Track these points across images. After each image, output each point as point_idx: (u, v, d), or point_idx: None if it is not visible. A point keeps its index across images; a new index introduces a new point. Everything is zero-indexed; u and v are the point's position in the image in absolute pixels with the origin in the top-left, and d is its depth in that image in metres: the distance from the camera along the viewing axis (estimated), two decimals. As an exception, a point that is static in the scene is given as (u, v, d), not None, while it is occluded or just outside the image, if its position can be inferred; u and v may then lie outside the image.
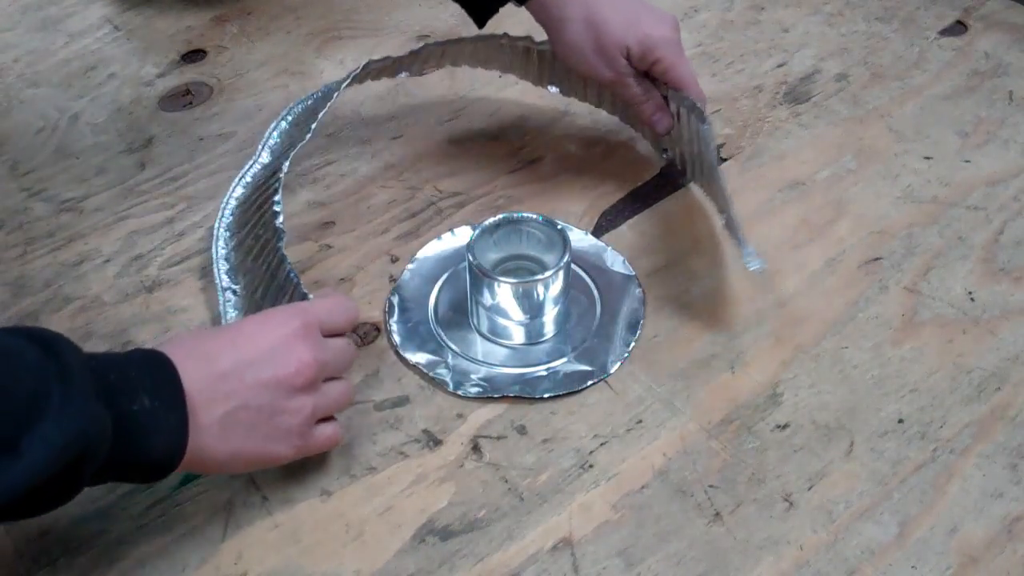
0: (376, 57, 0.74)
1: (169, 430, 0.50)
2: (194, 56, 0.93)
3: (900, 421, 0.61)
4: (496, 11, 0.75)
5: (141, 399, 0.49)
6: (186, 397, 0.50)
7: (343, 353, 0.58)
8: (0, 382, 0.44)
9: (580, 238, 0.72)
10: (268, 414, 0.53)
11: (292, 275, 0.62)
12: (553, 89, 0.82)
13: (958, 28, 0.90)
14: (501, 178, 0.79)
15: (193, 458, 0.51)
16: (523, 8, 0.74)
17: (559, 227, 0.66)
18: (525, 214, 0.67)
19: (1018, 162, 0.77)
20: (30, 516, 0.48)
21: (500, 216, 0.67)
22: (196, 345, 0.54)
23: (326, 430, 0.57)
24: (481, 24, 0.76)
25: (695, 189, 0.77)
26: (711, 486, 0.58)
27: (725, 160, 0.79)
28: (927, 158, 0.78)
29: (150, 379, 0.50)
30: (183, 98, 0.88)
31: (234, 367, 0.53)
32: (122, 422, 0.48)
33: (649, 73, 0.72)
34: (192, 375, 0.51)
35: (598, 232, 0.74)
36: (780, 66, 0.88)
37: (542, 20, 0.73)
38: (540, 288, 0.64)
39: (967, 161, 0.77)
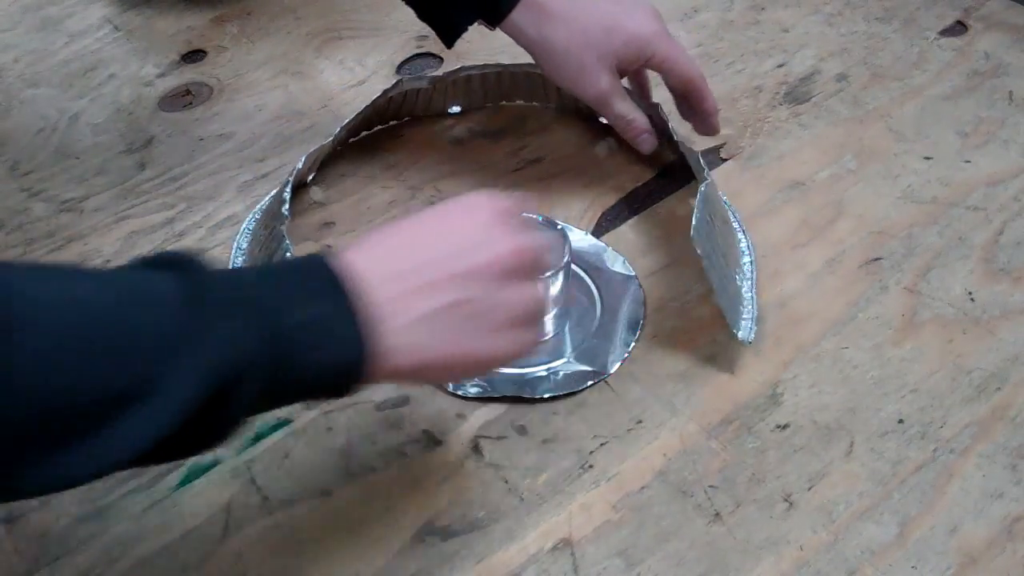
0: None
1: (343, 337, 0.44)
2: (194, 56, 0.93)
3: (900, 421, 0.61)
4: (465, 29, 0.73)
5: (300, 311, 0.43)
6: (367, 302, 0.44)
7: (543, 245, 0.52)
8: (130, 323, 0.40)
9: (580, 238, 0.72)
10: (475, 309, 0.48)
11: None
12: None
13: (958, 28, 0.90)
14: (501, 178, 0.78)
15: (394, 365, 0.46)
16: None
17: (559, 227, 0.66)
18: (525, 214, 0.67)
19: (1018, 162, 0.77)
20: (184, 457, 0.43)
21: (500, 216, 0.67)
22: (380, 242, 0.48)
23: (530, 332, 0.51)
24: (449, 44, 0.74)
25: (694, 190, 0.77)
26: (711, 486, 0.58)
27: (726, 160, 0.79)
28: (927, 158, 0.78)
29: (313, 285, 0.44)
30: (183, 98, 0.88)
31: (430, 260, 0.48)
32: (280, 340, 0.42)
33: (648, 66, 0.72)
34: (378, 276, 0.46)
35: (598, 232, 0.74)
36: (780, 66, 0.88)
37: (523, 43, 0.72)
38: (540, 288, 0.64)
39: (967, 161, 0.77)
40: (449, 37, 0.74)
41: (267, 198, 0.75)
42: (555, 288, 0.64)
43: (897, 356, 0.64)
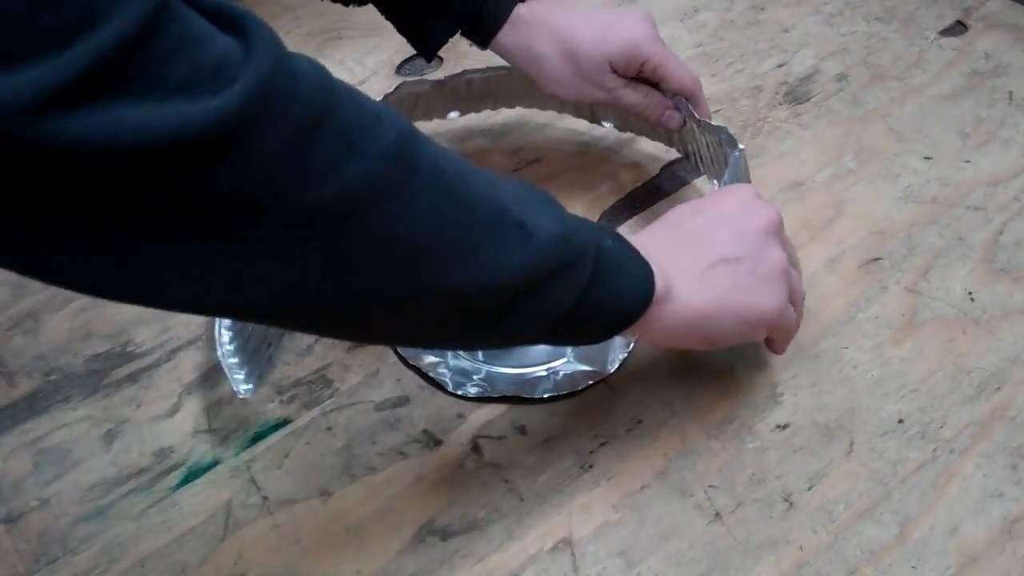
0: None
1: (636, 274, 0.50)
2: (194, 56, 0.93)
3: (900, 421, 0.61)
4: (444, 43, 0.70)
5: (605, 239, 0.50)
6: (652, 256, 0.51)
7: (792, 247, 0.59)
8: (492, 177, 0.46)
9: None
10: (750, 265, 0.54)
11: None
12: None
13: (958, 28, 0.90)
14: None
15: (678, 310, 0.52)
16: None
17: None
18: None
19: (1018, 162, 0.77)
20: (514, 335, 0.49)
21: (500, 216, 0.67)
22: (649, 229, 0.57)
23: (797, 294, 0.58)
24: (429, 58, 0.72)
25: (695, 189, 0.77)
26: (711, 486, 0.58)
27: (725, 160, 0.79)
28: (927, 158, 0.78)
29: (602, 228, 0.51)
30: (183, 98, 0.88)
31: (703, 226, 0.55)
32: (599, 251, 0.48)
33: (640, 75, 0.71)
34: (656, 240, 0.54)
35: (598, 232, 0.74)
36: (780, 66, 0.88)
37: (515, 62, 0.71)
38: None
39: (967, 161, 0.77)
40: (429, 49, 0.71)
41: None
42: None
43: (897, 356, 0.64)
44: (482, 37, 0.69)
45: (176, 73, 0.33)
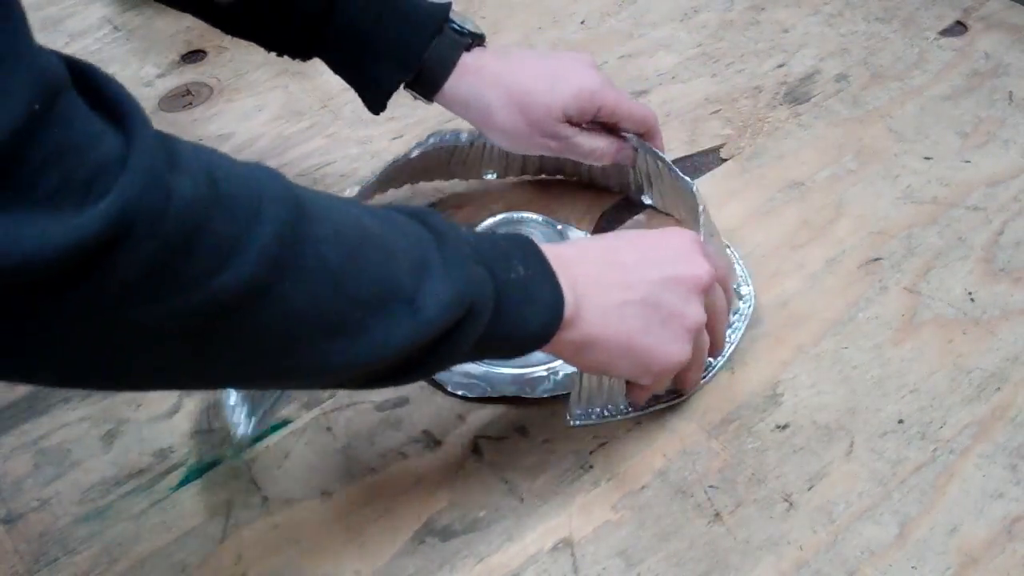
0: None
1: (544, 301, 0.50)
2: (194, 56, 0.93)
3: (900, 421, 0.61)
4: (389, 95, 0.68)
5: (516, 267, 0.49)
6: (570, 277, 0.51)
7: (723, 300, 0.59)
8: (390, 243, 0.45)
9: (580, 238, 0.72)
10: (665, 314, 0.54)
11: None
12: (489, 176, 0.77)
13: (958, 28, 0.90)
14: (501, 177, 0.78)
15: (580, 338, 0.52)
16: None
17: (559, 227, 0.66)
18: (525, 214, 0.67)
19: (1018, 162, 0.77)
20: (401, 382, 0.48)
21: (500, 216, 0.67)
22: (583, 245, 0.57)
23: (701, 354, 0.58)
24: (377, 111, 0.69)
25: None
26: (711, 486, 0.58)
27: (726, 160, 0.79)
28: (927, 158, 0.78)
29: (520, 251, 0.51)
30: (183, 98, 0.88)
31: (634, 263, 0.54)
32: (500, 289, 0.48)
33: (594, 120, 0.69)
34: (583, 260, 0.53)
35: (598, 232, 0.74)
36: (780, 66, 0.88)
37: (463, 112, 0.68)
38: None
39: (967, 161, 0.77)
40: (378, 99, 0.69)
41: None
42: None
43: (897, 356, 0.64)
44: (429, 86, 0.67)
45: (46, 183, 0.33)
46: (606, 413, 0.60)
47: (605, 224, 0.74)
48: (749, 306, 0.66)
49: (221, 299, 0.38)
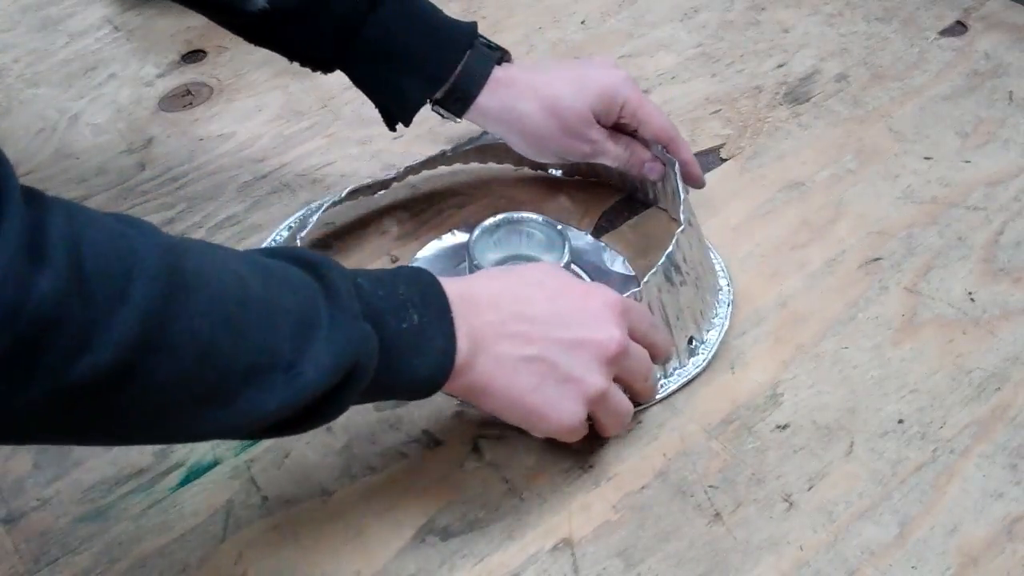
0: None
1: (435, 351, 0.49)
2: (194, 56, 0.93)
3: (900, 421, 0.61)
4: (416, 110, 0.69)
5: (410, 316, 0.49)
6: (470, 325, 0.50)
7: (645, 363, 0.57)
8: (273, 305, 0.44)
9: (580, 238, 0.72)
10: (563, 377, 0.53)
11: None
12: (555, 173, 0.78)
13: (958, 28, 0.90)
14: (501, 177, 0.78)
15: (470, 385, 0.51)
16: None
17: (559, 227, 0.66)
18: (525, 214, 0.67)
19: (1018, 162, 0.77)
20: (286, 435, 0.47)
21: (500, 216, 0.67)
22: (498, 279, 0.55)
23: (604, 425, 0.57)
24: (407, 123, 0.70)
25: (694, 190, 0.77)
26: (711, 486, 0.58)
27: (726, 160, 0.79)
28: (927, 158, 0.78)
29: (420, 296, 0.50)
30: (183, 98, 0.88)
31: (546, 317, 0.53)
32: (389, 340, 0.48)
33: (619, 123, 0.69)
34: (486, 305, 0.52)
35: (598, 232, 0.74)
36: (780, 66, 0.88)
37: (496, 125, 0.69)
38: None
39: (967, 161, 0.77)
40: (406, 114, 0.69)
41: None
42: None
43: (897, 356, 0.64)
44: (462, 101, 0.68)
45: None
46: None
47: (605, 223, 0.74)
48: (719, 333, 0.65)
49: (82, 384, 0.38)
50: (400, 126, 0.71)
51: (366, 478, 0.59)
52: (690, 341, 0.63)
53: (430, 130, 0.82)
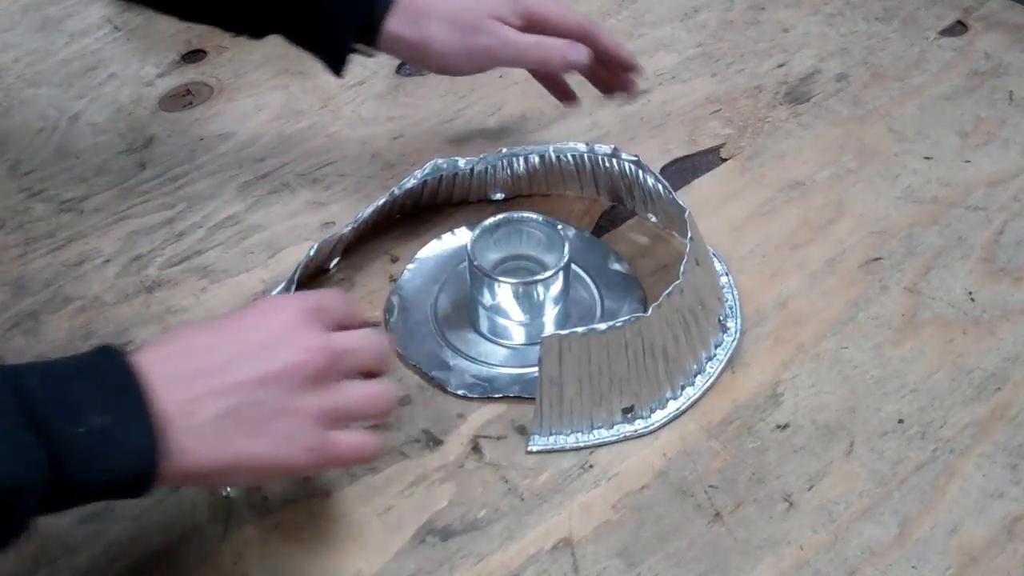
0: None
1: (132, 447, 0.43)
2: (194, 56, 0.93)
3: (900, 421, 0.61)
4: (345, 56, 0.70)
5: (88, 418, 0.42)
6: (158, 404, 0.44)
7: (360, 343, 0.52)
8: None
9: (580, 238, 0.72)
10: (270, 414, 0.47)
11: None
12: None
13: (958, 28, 0.90)
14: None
15: (183, 468, 0.45)
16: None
17: (559, 227, 0.66)
18: (525, 214, 0.67)
19: (1018, 162, 0.77)
20: None
21: (500, 216, 0.67)
22: (177, 343, 0.48)
23: (350, 437, 0.50)
24: (339, 70, 0.70)
25: (694, 190, 0.77)
26: (711, 486, 0.58)
27: (726, 160, 0.79)
28: (927, 158, 0.78)
29: (99, 391, 0.44)
30: (183, 98, 0.88)
31: (224, 362, 0.47)
32: (64, 449, 0.42)
33: (527, 20, 0.69)
34: (170, 376, 0.45)
35: (598, 232, 0.74)
36: (780, 66, 0.88)
37: (405, 48, 0.69)
38: (540, 288, 0.64)
39: (967, 161, 0.77)
40: (336, 61, 0.70)
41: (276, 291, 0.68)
42: (556, 288, 0.64)
43: (897, 356, 0.64)
44: (372, 30, 0.68)
45: None
46: (568, 442, 0.60)
47: (605, 223, 0.74)
48: (733, 340, 0.65)
49: None
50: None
51: (366, 478, 0.59)
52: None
53: (430, 130, 0.82)
